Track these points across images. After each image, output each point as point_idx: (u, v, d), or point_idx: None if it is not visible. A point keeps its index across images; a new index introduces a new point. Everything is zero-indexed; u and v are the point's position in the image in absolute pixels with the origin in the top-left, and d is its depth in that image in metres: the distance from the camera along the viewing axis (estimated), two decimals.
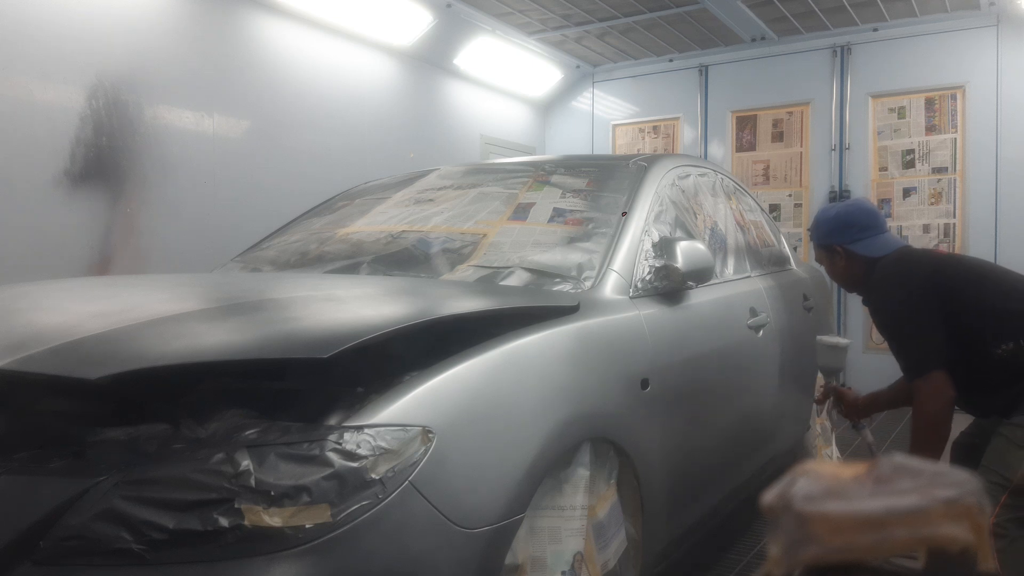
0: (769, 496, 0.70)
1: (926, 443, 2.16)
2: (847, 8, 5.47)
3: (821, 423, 3.67)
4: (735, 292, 2.76)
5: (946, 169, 5.61)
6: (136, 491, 1.19)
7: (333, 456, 1.23)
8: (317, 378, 1.47)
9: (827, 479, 0.69)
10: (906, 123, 5.74)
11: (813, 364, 3.54)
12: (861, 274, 2.46)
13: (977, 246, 5.49)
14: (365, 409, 1.32)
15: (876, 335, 2.61)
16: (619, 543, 1.86)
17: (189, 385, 1.46)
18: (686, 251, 2.21)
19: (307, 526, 1.19)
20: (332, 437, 1.25)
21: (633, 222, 2.31)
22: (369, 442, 1.26)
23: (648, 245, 2.29)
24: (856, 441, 4.65)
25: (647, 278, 2.20)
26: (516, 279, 2.10)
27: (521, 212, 2.44)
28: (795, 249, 4.72)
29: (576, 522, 1.66)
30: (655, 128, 6.84)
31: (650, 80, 6.81)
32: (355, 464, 1.24)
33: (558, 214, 2.41)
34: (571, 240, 2.27)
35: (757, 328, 2.77)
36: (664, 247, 2.26)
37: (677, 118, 6.70)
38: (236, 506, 1.17)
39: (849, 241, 2.47)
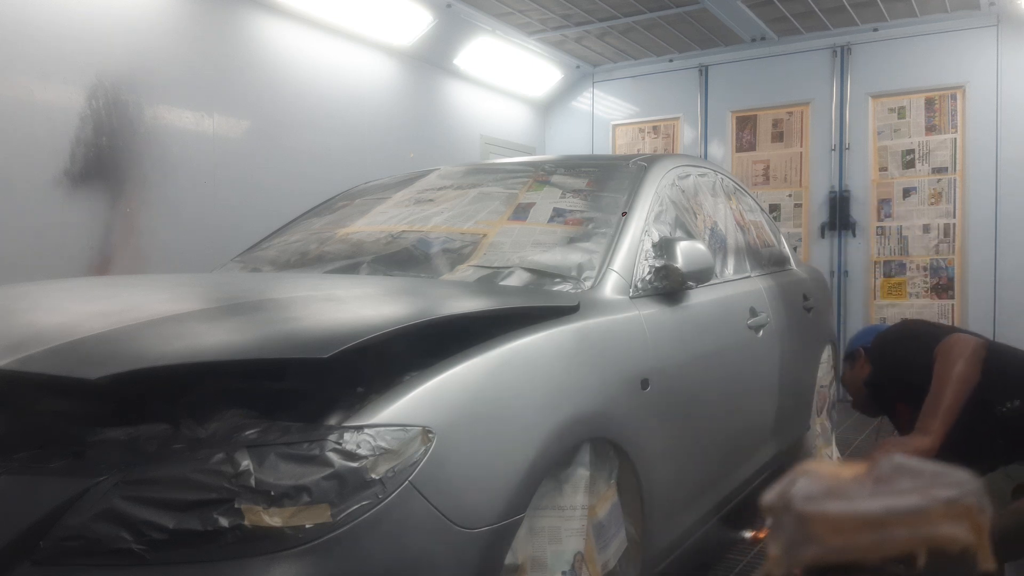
0: (769, 496, 0.70)
1: (947, 373, 2.11)
2: (847, 8, 5.47)
3: (821, 423, 3.67)
4: (735, 292, 2.76)
5: (946, 169, 5.61)
6: (136, 491, 1.19)
7: (333, 456, 1.23)
8: (317, 378, 1.47)
9: (827, 479, 0.69)
10: (906, 123, 5.74)
11: (813, 364, 3.55)
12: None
13: (977, 246, 5.50)
14: (365, 409, 1.32)
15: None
16: (619, 543, 1.86)
17: (189, 385, 1.46)
18: (686, 251, 2.21)
19: (307, 526, 1.19)
20: (332, 437, 1.25)
21: (633, 222, 2.31)
22: (369, 442, 1.26)
23: (648, 245, 2.28)
24: (856, 441, 4.65)
25: (647, 278, 2.20)
26: (516, 279, 2.10)
27: (521, 212, 2.44)
28: (795, 249, 4.71)
29: (576, 522, 1.66)
30: (655, 128, 6.84)
31: (650, 80, 6.81)
32: (355, 464, 1.24)
33: (558, 214, 2.41)
34: (571, 240, 2.27)
35: (757, 328, 2.77)
36: (664, 247, 2.25)
37: (677, 118, 6.70)
38: (236, 506, 1.17)
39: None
